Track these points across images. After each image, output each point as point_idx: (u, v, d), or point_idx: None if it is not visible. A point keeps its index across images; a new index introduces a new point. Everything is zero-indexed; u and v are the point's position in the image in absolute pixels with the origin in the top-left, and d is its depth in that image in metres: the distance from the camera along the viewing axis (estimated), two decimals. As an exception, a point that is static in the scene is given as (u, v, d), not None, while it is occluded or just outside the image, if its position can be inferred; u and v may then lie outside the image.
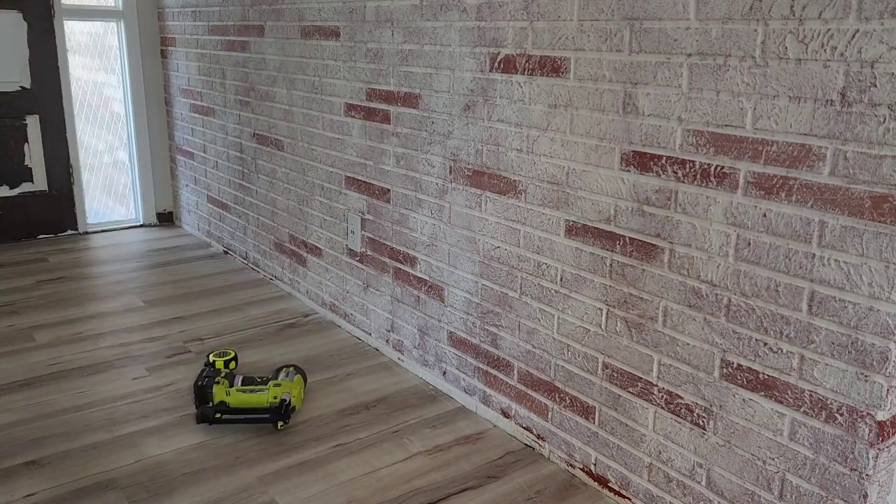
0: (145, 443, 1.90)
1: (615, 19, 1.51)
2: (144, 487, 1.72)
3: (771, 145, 1.28)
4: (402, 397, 2.16)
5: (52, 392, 2.14)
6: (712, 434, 1.48)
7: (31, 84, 3.40)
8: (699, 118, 1.39)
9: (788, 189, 1.27)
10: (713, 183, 1.38)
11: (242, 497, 1.69)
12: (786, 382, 1.33)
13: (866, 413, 1.22)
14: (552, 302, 1.78)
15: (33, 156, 3.47)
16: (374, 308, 2.46)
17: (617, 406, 1.67)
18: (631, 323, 1.60)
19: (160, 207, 3.88)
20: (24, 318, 2.65)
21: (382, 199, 2.31)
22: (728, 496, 1.47)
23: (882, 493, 1.27)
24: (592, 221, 1.64)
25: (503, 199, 1.86)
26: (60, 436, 1.92)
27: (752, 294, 1.35)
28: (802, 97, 1.23)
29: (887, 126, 1.13)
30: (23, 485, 1.72)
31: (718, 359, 1.44)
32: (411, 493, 1.72)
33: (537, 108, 1.72)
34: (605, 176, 1.59)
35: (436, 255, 2.13)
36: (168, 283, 3.03)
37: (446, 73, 1.96)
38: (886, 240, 1.16)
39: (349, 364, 2.36)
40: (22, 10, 3.32)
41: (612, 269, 1.62)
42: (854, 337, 1.22)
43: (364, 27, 2.25)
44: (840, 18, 1.15)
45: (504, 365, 1.96)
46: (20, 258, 3.27)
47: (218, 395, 1.93)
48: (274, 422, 1.94)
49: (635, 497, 1.67)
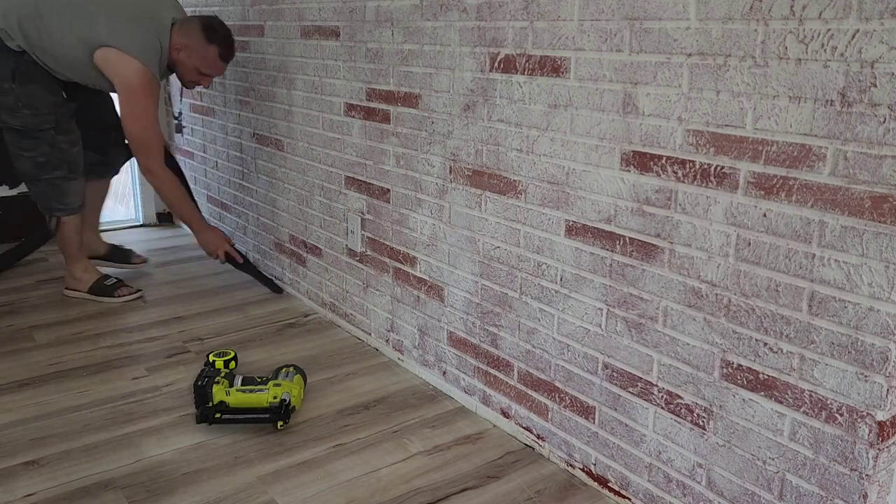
0: (145, 443, 1.90)
1: (615, 19, 1.51)
2: (144, 487, 1.72)
3: (771, 145, 1.28)
4: (402, 397, 2.16)
5: (52, 392, 2.14)
6: (712, 434, 1.48)
7: (31, 84, 3.39)
8: (699, 118, 1.39)
9: (788, 189, 1.27)
10: (713, 183, 1.38)
11: (242, 497, 1.69)
12: (786, 382, 1.33)
13: (866, 413, 1.22)
14: (552, 302, 1.78)
15: (33, 156, 3.46)
16: (373, 308, 2.46)
17: (617, 406, 1.67)
18: (631, 323, 1.60)
19: (160, 207, 3.88)
20: (24, 318, 2.65)
21: (382, 198, 2.31)
22: (728, 496, 1.47)
23: (882, 493, 1.27)
24: (592, 221, 1.64)
25: (503, 199, 1.86)
26: (60, 436, 1.92)
27: (752, 294, 1.36)
28: (802, 97, 1.23)
29: (887, 126, 1.13)
30: (22, 485, 1.72)
31: (718, 359, 1.44)
32: (411, 493, 1.72)
33: (537, 108, 1.72)
34: (605, 176, 1.59)
35: (436, 255, 2.13)
36: (168, 283, 3.03)
37: (446, 73, 1.96)
38: (886, 240, 1.16)
39: (349, 364, 2.36)
40: (22, 9, 3.31)
41: (612, 269, 1.62)
42: (854, 337, 1.22)
43: (364, 27, 2.25)
44: (840, 18, 1.15)
45: (504, 365, 1.96)
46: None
47: (218, 395, 1.93)
48: (274, 422, 1.94)
49: (635, 497, 1.67)
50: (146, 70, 2.45)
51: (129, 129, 2.54)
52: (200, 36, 2.54)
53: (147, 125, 2.53)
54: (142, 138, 2.55)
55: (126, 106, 2.51)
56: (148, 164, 2.61)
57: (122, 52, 2.41)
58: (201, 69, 2.60)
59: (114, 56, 2.42)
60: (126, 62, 2.43)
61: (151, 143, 2.57)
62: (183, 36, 2.53)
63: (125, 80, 2.45)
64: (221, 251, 2.82)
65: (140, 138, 2.55)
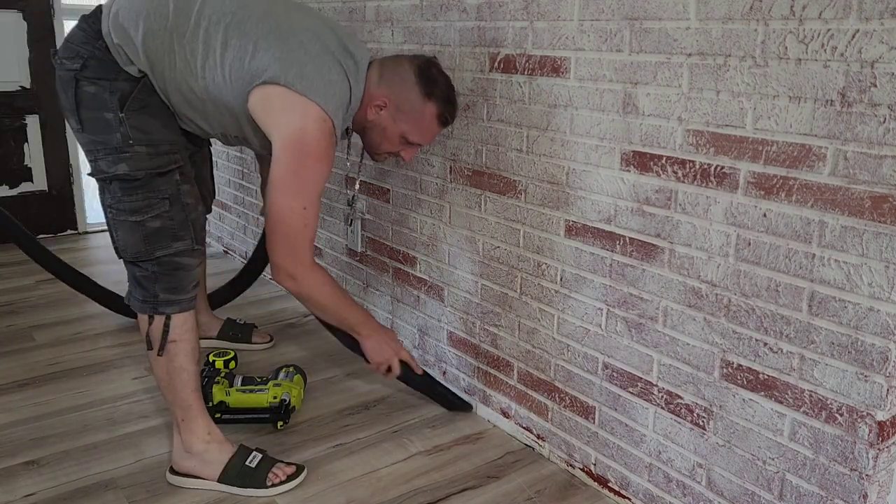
0: (145, 443, 1.90)
1: (615, 19, 1.51)
2: (144, 487, 1.72)
3: (771, 145, 1.28)
4: (402, 397, 2.16)
5: (52, 392, 2.14)
6: (712, 434, 1.48)
7: (31, 84, 3.40)
8: (699, 118, 1.39)
9: (788, 189, 1.27)
10: (713, 183, 1.38)
11: (242, 497, 1.69)
12: (786, 382, 1.33)
13: (866, 413, 1.22)
14: (552, 302, 1.78)
15: (33, 156, 3.47)
16: (374, 308, 2.46)
17: (617, 406, 1.67)
18: (631, 323, 1.60)
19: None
20: (24, 318, 2.65)
21: (382, 199, 2.31)
22: (728, 496, 1.47)
23: (882, 493, 1.27)
24: (592, 221, 1.64)
25: (503, 198, 1.86)
26: (60, 436, 1.92)
27: (752, 294, 1.35)
28: (802, 97, 1.23)
29: (887, 126, 1.13)
30: (22, 485, 1.72)
31: (718, 359, 1.44)
32: (411, 493, 1.72)
33: (537, 108, 1.72)
34: (605, 176, 1.59)
35: (435, 255, 2.13)
36: (168, 283, 3.02)
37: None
38: (886, 240, 1.16)
39: (349, 364, 2.36)
40: (22, 10, 3.32)
41: (612, 269, 1.62)
42: (854, 337, 1.22)
43: (364, 27, 2.25)
44: (840, 18, 1.15)
45: (504, 365, 1.96)
46: (20, 258, 3.26)
47: (218, 395, 1.93)
48: (274, 422, 1.94)
49: (635, 497, 1.67)
50: (326, 121, 1.58)
51: (279, 205, 1.60)
52: (414, 87, 1.70)
53: (308, 202, 1.61)
54: (292, 222, 1.61)
55: (282, 168, 1.58)
56: (290, 264, 1.65)
57: (293, 91, 1.55)
58: (409, 136, 1.75)
59: (280, 96, 1.56)
60: (298, 105, 1.56)
61: (304, 231, 1.63)
62: (385, 85, 1.71)
63: (291, 132, 1.57)
64: (395, 363, 1.93)
65: (289, 221, 1.60)
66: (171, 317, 1.64)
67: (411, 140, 1.76)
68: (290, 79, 1.55)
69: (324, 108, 1.57)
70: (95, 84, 1.56)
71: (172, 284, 1.64)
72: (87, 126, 1.59)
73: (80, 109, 1.58)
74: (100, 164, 1.60)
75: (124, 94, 1.57)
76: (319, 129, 1.57)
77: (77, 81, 1.57)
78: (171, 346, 1.65)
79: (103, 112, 1.57)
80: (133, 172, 1.58)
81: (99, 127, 1.58)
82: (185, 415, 1.70)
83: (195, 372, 1.71)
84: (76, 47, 1.59)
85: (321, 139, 1.58)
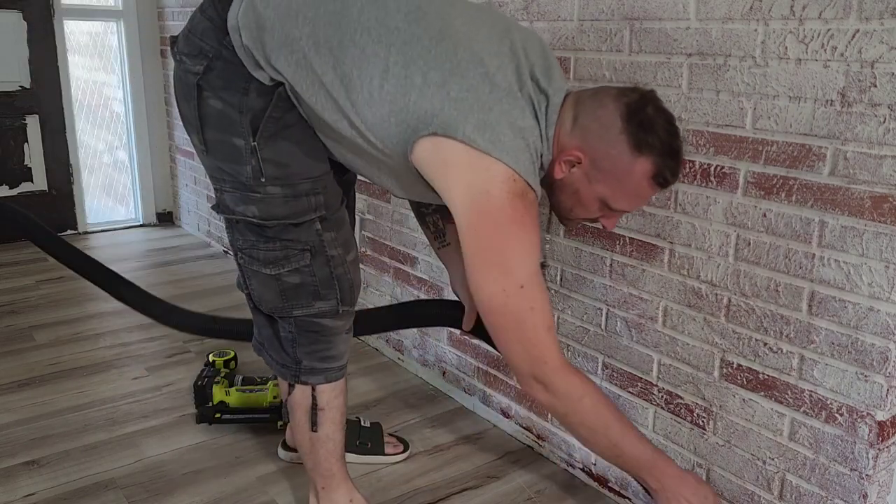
0: (145, 443, 1.90)
1: (615, 19, 1.51)
2: (144, 487, 1.72)
3: (771, 145, 1.28)
4: (402, 397, 2.16)
5: (52, 392, 2.14)
6: (712, 434, 1.48)
7: (31, 84, 3.40)
8: (699, 118, 1.39)
9: (788, 189, 1.27)
10: (713, 183, 1.38)
11: (242, 497, 1.69)
12: (786, 382, 1.33)
13: (866, 413, 1.22)
14: (552, 302, 1.78)
15: (33, 156, 3.47)
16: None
17: (617, 406, 1.67)
18: (631, 323, 1.60)
19: (160, 207, 3.87)
20: (24, 318, 2.65)
21: (382, 198, 2.31)
22: (728, 496, 1.47)
23: (882, 493, 1.27)
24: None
25: (503, 199, 1.86)
26: (60, 436, 1.92)
27: (752, 294, 1.35)
28: (802, 97, 1.23)
29: (887, 126, 1.13)
30: (22, 485, 1.72)
31: (718, 359, 1.44)
32: (411, 493, 1.72)
33: (537, 108, 1.72)
34: (605, 176, 1.59)
35: (435, 255, 2.12)
36: (168, 283, 3.02)
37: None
38: (886, 240, 1.16)
39: (349, 364, 2.35)
40: (22, 10, 3.31)
41: (612, 269, 1.62)
42: (854, 337, 1.22)
43: (364, 27, 2.24)
44: (840, 18, 1.15)
45: (504, 365, 1.96)
46: (20, 258, 3.26)
47: (218, 395, 1.93)
48: (274, 422, 1.94)
49: (635, 497, 1.67)
50: (518, 182, 1.17)
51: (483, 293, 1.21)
52: (620, 138, 1.19)
53: (523, 279, 1.19)
54: (509, 309, 1.20)
55: (470, 246, 1.20)
56: (529, 366, 1.24)
57: (474, 149, 1.14)
58: (611, 202, 1.25)
59: (454, 154, 1.16)
60: (479, 166, 1.16)
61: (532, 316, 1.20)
62: (580, 133, 1.23)
63: (474, 198, 1.17)
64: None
65: (505, 310, 1.20)
66: (317, 387, 1.42)
67: (614, 206, 1.26)
68: (470, 131, 1.13)
69: (514, 168, 1.15)
70: (222, 100, 1.24)
71: (316, 349, 1.40)
72: (212, 149, 1.29)
73: (204, 128, 1.28)
74: (225, 199, 1.32)
75: (256, 113, 1.23)
76: (510, 189, 1.15)
77: (200, 91, 1.24)
78: (319, 415, 1.43)
79: (232, 137, 1.25)
80: (264, 219, 1.29)
81: (226, 153, 1.27)
82: (327, 483, 1.52)
83: (342, 440, 1.49)
84: (199, 42, 1.24)
85: (514, 200, 1.16)
